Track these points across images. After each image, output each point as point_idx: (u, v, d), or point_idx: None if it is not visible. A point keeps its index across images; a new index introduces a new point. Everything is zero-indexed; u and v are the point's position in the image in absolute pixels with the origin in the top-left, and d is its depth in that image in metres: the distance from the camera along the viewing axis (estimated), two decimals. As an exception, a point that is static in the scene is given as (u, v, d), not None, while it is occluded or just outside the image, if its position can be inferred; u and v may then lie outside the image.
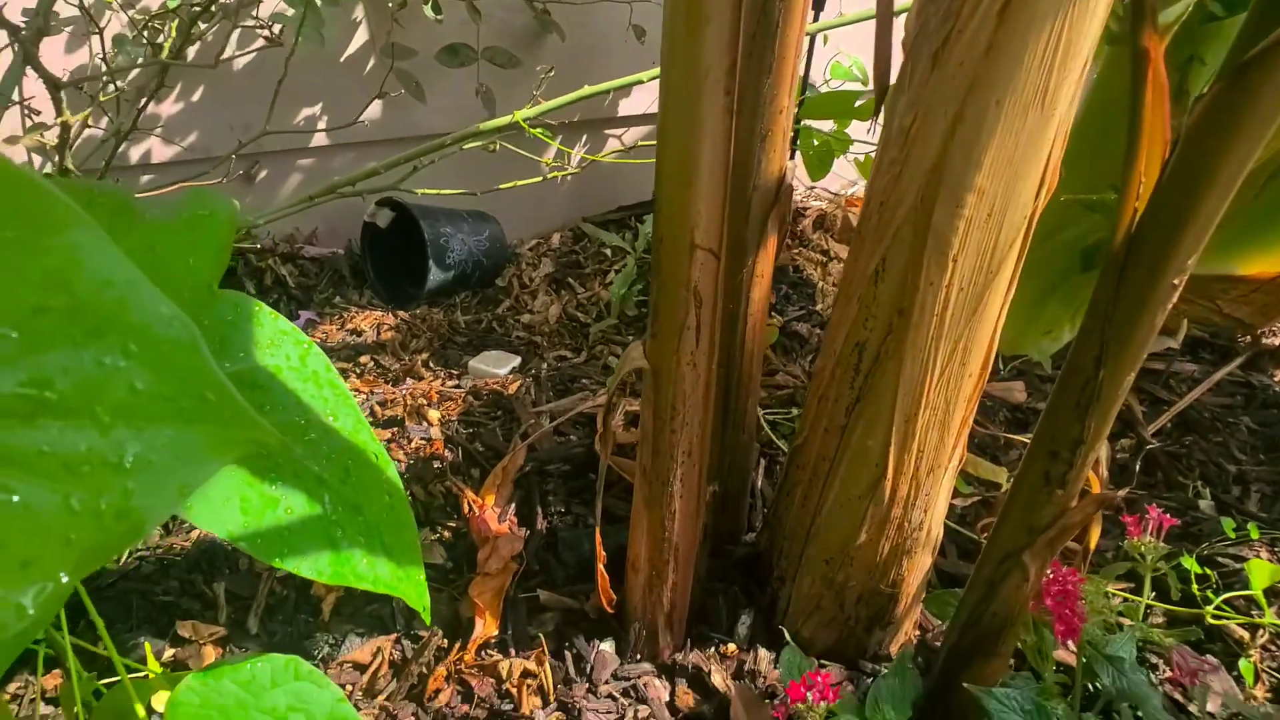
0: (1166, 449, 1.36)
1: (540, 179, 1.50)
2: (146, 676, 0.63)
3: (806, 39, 1.61)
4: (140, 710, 0.56)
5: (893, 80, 0.83)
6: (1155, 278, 0.54)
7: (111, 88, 1.41)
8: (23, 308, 0.29)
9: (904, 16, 0.82)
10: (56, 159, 1.20)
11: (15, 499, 0.29)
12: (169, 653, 0.96)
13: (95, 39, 1.49)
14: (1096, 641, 0.81)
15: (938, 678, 0.84)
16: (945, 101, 0.72)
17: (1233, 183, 0.50)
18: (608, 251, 2.03)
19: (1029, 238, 0.79)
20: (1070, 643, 0.80)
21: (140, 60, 1.44)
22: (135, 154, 1.74)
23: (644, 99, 2.10)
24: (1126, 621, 0.92)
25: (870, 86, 1.72)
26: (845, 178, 2.35)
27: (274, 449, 0.49)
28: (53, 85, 1.08)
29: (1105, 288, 0.57)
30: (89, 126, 1.57)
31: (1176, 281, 0.54)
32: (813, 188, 2.25)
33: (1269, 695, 0.98)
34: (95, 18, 1.40)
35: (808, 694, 0.75)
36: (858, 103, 1.59)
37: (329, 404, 0.62)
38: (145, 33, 1.45)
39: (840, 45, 1.85)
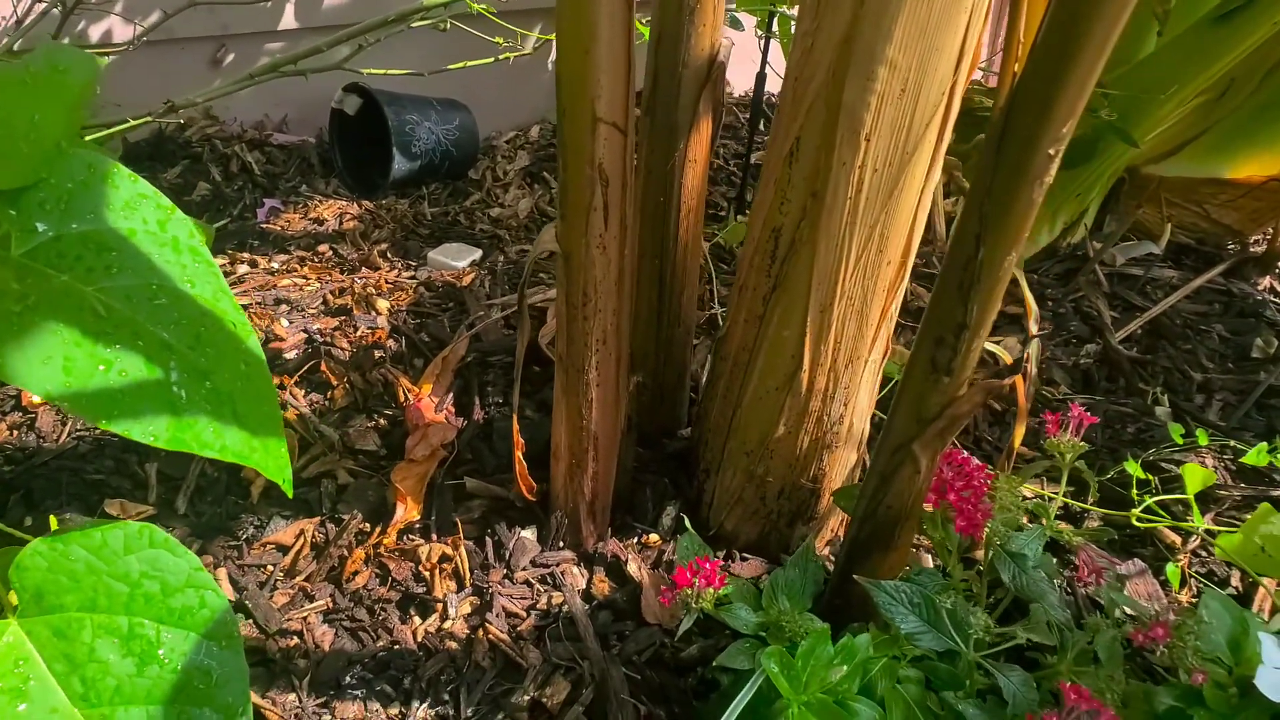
0: (1134, 355, 1.33)
1: (492, 60, 1.44)
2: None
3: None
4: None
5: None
6: (1031, 147, 0.51)
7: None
8: None
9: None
10: None
11: None
12: (92, 528, 0.98)
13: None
14: (1002, 538, 0.80)
15: (839, 570, 0.84)
16: (855, -38, 0.68)
17: (1104, 45, 0.46)
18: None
19: (950, 116, 0.75)
20: (976, 540, 0.79)
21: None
22: (95, 33, 1.70)
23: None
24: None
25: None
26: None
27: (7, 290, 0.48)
28: None
29: (985, 159, 0.54)
30: (39, 2, 1.53)
31: (1052, 151, 0.51)
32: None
33: (1193, 599, 0.98)
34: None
35: (695, 578, 0.75)
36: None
37: (187, 270, 0.61)
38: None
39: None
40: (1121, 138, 1.27)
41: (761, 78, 1.51)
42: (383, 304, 1.35)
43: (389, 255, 1.54)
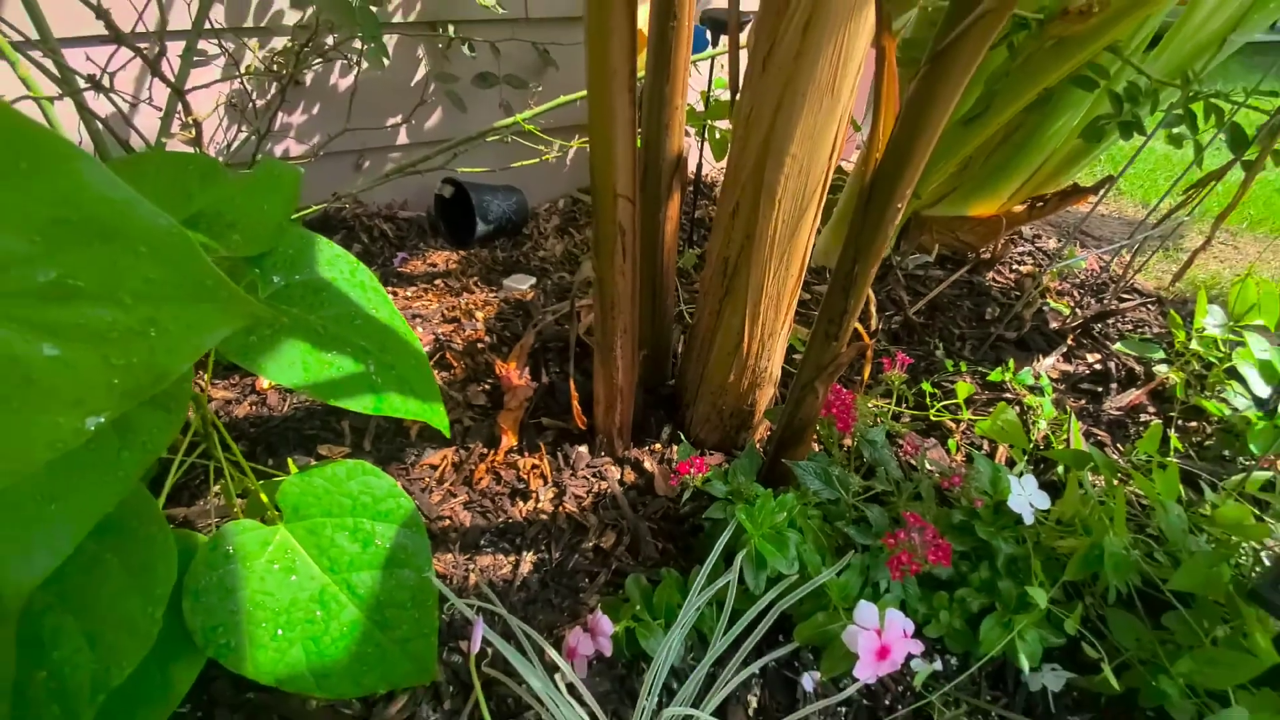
0: (921, 321, 1.32)
1: (537, 160, 1.39)
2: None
3: (707, 64, 1.47)
4: (264, 498, 0.53)
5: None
6: (886, 203, 0.49)
7: (248, 103, 1.28)
8: (42, 219, 0.24)
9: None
10: (196, 149, 1.08)
11: (57, 353, 0.24)
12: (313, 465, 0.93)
13: (239, 66, 1.34)
14: (862, 432, 0.80)
15: (770, 457, 0.83)
16: (771, 93, 0.64)
17: (934, 137, 0.44)
18: (590, 213, 1.92)
19: (827, 185, 0.72)
20: (847, 434, 0.78)
21: (268, 84, 1.30)
22: (278, 150, 1.59)
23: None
24: (901, 422, 0.90)
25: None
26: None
27: (266, 319, 0.44)
28: (176, 91, 0.93)
29: (858, 211, 0.51)
30: (241, 131, 1.43)
31: (899, 205, 0.49)
32: (719, 166, 2.11)
33: (965, 458, 0.98)
34: (236, 58, 1.25)
35: (690, 469, 0.73)
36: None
37: (371, 301, 0.57)
38: (273, 65, 1.30)
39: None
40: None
41: (699, 165, 1.47)
42: (479, 315, 1.30)
43: (479, 284, 1.48)
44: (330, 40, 1.23)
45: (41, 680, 0.38)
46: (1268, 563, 0.72)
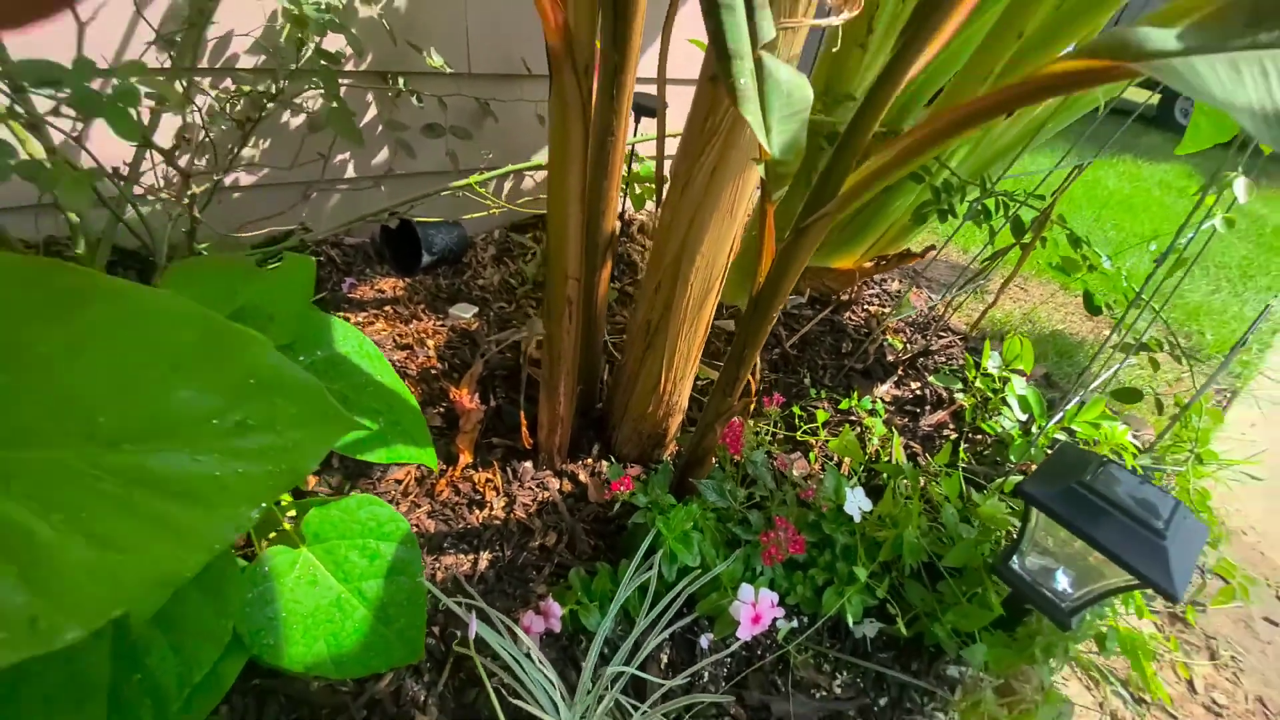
0: (794, 354, 1.55)
1: (485, 213, 1.47)
2: (279, 504, 0.67)
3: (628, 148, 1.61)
4: (288, 525, 0.61)
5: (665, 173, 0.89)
6: (766, 313, 0.66)
7: (207, 145, 1.25)
8: (233, 384, 0.34)
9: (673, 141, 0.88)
10: (189, 210, 1.07)
11: (240, 469, 0.34)
12: (292, 481, 0.97)
13: (194, 112, 1.30)
14: (748, 454, 0.98)
15: (679, 474, 0.99)
16: (686, 212, 0.80)
17: (796, 276, 0.61)
18: (526, 244, 2.00)
19: (727, 273, 0.90)
20: (737, 454, 0.97)
21: (224, 126, 1.28)
22: (228, 180, 1.55)
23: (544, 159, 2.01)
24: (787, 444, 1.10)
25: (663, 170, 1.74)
26: (649, 209, 2.37)
27: (351, 416, 0.53)
28: (184, 175, 0.94)
29: (747, 314, 0.69)
30: (196, 166, 1.39)
31: (774, 315, 0.66)
32: (639, 213, 2.28)
33: (820, 468, 1.20)
34: (190, 96, 1.22)
35: (620, 487, 0.88)
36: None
37: (377, 369, 0.66)
38: (228, 106, 1.28)
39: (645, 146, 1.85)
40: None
41: (622, 212, 1.61)
42: (430, 343, 1.36)
43: (427, 311, 1.53)
44: (289, 86, 1.24)
45: (136, 681, 0.46)
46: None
